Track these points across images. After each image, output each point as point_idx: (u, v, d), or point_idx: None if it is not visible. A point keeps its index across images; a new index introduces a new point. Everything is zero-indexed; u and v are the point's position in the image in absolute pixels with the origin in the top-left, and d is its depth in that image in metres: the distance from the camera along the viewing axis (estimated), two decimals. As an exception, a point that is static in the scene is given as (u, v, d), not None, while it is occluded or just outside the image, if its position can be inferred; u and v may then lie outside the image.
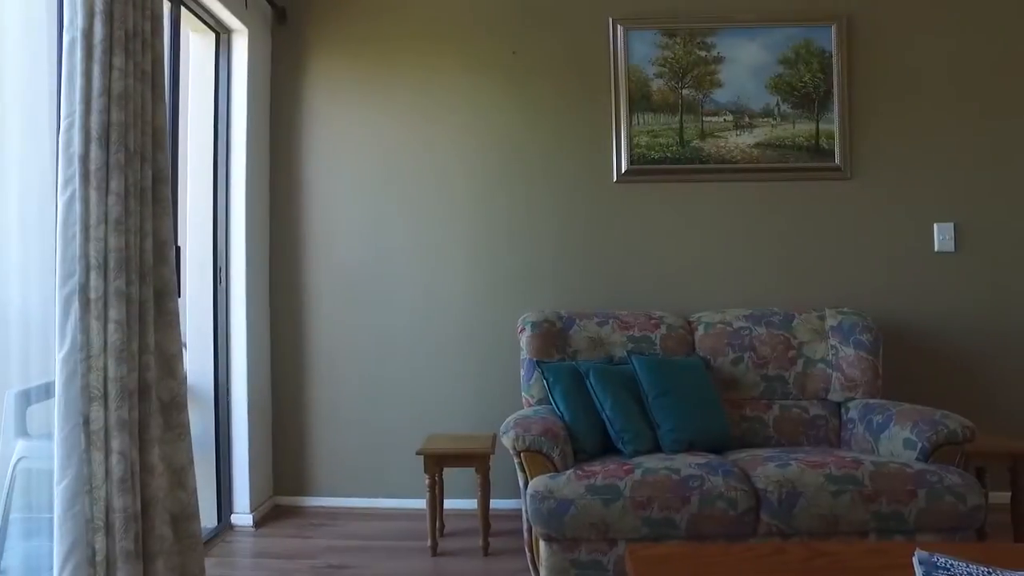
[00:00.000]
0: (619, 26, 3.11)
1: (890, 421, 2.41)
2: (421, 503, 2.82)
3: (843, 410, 2.72)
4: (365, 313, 3.18)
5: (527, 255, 3.14)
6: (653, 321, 2.86)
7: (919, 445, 2.26)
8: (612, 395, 2.51)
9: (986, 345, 3.09)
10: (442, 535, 2.84)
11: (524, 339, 2.79)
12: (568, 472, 2.24)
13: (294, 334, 3.20)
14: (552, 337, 2.79)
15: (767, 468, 2.22)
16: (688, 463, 2.24)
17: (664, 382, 2.57)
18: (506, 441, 2.34)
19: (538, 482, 2.23)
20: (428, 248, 3.17)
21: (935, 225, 3.10)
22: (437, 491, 2.72)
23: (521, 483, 2.35)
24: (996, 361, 3.09)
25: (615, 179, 3.11)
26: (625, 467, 2.24)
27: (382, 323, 3.17)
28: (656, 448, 2.49)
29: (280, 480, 3.20)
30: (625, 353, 2.76)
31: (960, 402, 3.07)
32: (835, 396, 2.74)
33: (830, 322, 2.82)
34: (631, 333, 2.83)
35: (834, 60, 3.09)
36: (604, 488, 2.16)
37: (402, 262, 3.18)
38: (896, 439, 2.36)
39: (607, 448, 2.49)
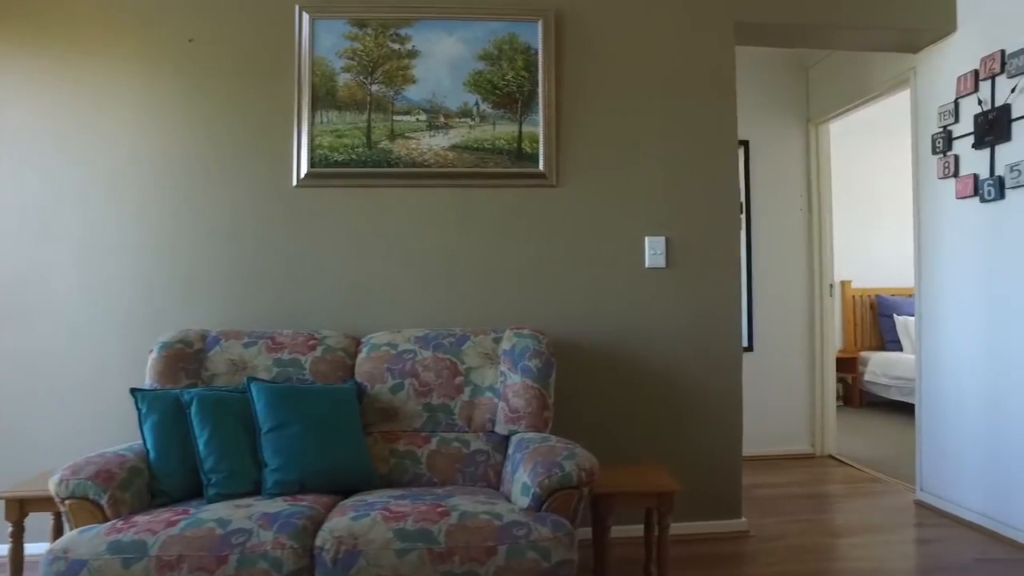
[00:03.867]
0: (305, 13, 2.78)
1: (521, 461, 2.12)
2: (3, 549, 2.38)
3: (509, 445, 2.42)
4: (8, 334, 2.74)
5: (195, 266, 2.76)
6: (311, 342, 2.52)
7: (532, 491, 1.96)
8: (212, 428, 2.14)
9: (691, 365, 2.86)
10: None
11: (149, 363, 2.41)
12: (106, 524, 1.87)
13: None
14: (183, 360, 2.41)
15: (341, 520, 1.87)
16: (251, 513, 1.88)
17: (285, 413, 2.22)
18: (51, 487, 1.95)
19: (66, 538, 1.84)
20: (90, 258, 2.76)
21: (646, 239, 2.85)
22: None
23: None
24: (700, 383, 2.86)
25: (295, 183, 2.77)
26: (175, 517, 1.87)
27: (29, 346, 2.74)
28: (257, 491, 2.14)
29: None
30: (270, 378, 2.43)
31: (660, 425, 2.86)
32: (500, 428, 2.43)
33: (504, 345, 2.52)
34: (280, 355, 2.47)
35: (540, 58, 2.83)
36: (130, 545, 1.77)
37: (61, 274, 2.76)
38: (519, 483, 2.06)
39: (200, 492, 2.13)
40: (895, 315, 5.99)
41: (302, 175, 2.76)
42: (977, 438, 3.00)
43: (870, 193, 6.14)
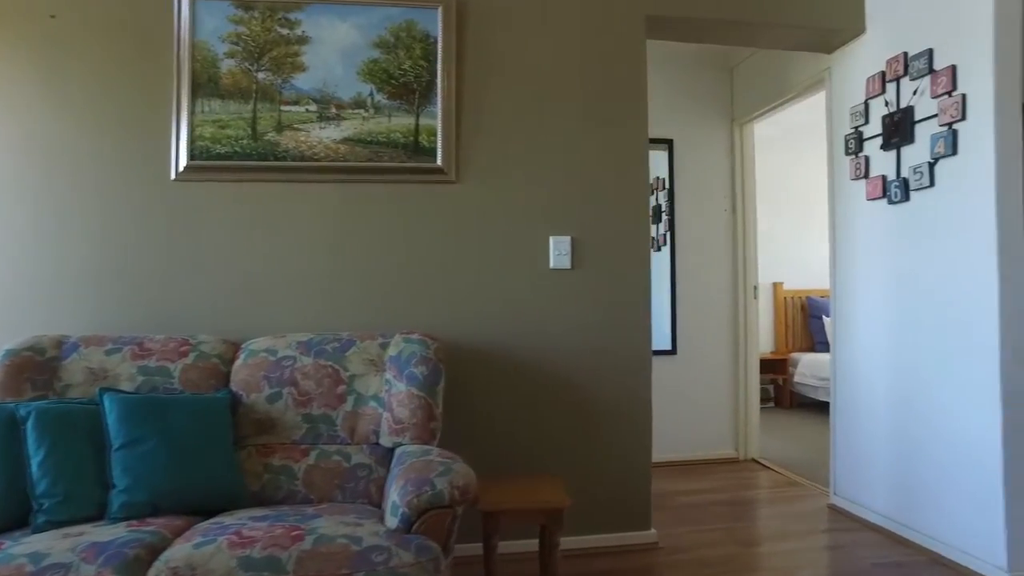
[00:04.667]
0: (185, -7, 2.59)
1: (395, 478, 1.97)
2: None
3: (393, 458, 2.27)
4: None
5: (60, 266, 2.52)
6: (184, 348, 2.32)
7: (400, 511, 1.81)
8: (50, 446, 1.93)
9: (599, 370, 2.75)
10: None
11: (-9, 373, 2.19)
12: None
13: None
14: (30, 370, 2.19)
15: (183, 548, 1.69)
16: (78, 544, 1.68)
17: (141, 427, 2.02)
18: None
19: None
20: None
21: (551, 239, 2.74)
22: None
23: None
24: (609, 389, 2.76)
25: (173, 176, 2.56)
26: (-17, 552, 1.67)
27: None
28: (101, 516, 1.94)
29: None
30: (133, 388, 2.23)
31: (565, 434, 2.74)
32: (385, 440, 2.27)
33: (391, 351, 2.36)
34: (146, 363, 2.27)
35: (439, 47, 2.68)
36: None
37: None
38: (390, 502, 1.90)
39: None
40: (824, 316, 6.03)
41: (181, 168, 2.56)
42: (885, 441, 2.97)
43: (803, 195, 6.17)
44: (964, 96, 2.52)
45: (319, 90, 2.63)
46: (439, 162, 2.67)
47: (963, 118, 2.53)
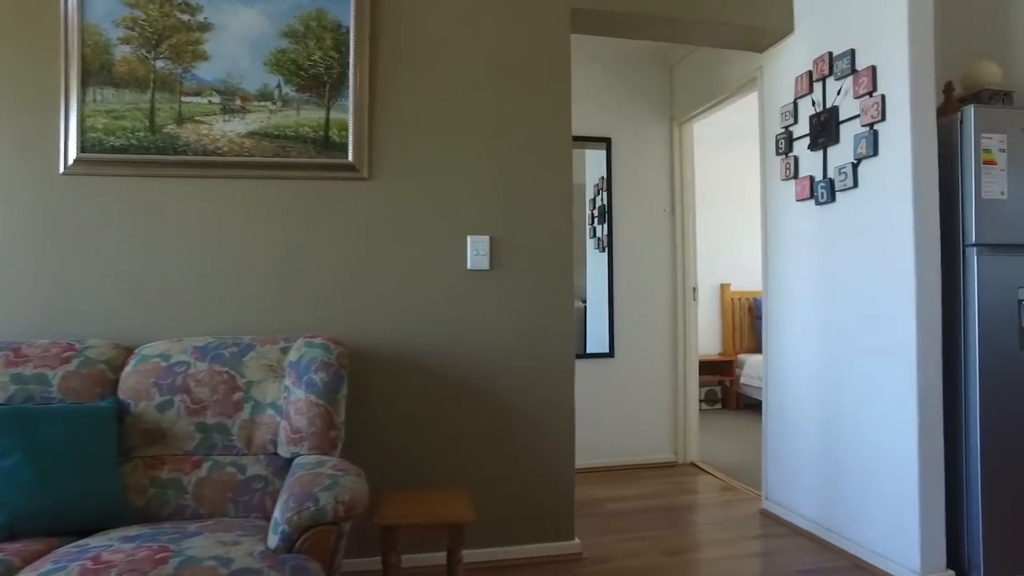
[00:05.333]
0: (76, -26, 2.42)
1: (282, 492, 1.84)
2: None
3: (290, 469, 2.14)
4: None
5: (-64, 266, 2.35)
6: (67, 354, 2.16)
7: (281, 528, 1.69)
8: None
9: (519, 376, 2.67)
10: None
11: None
12: None
13: None
14: None
15: (28, 574, 1.56)
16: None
17: (9, 440, 1.87)
18: None
19: None
20: None
21: (469, 238, 2.64)
22: None
23: None
24: (529, 395, 2.67)
25: (62, 170, 2.40)
26: None
27: None
28: (-48, 539, 1.79)
29: None
30: (5, 398, 2.06)
31: (483, 442, 2.65)
32: (283, 451, 2.15)
33: (291, 356, 2.24)
34: (21, 370, 2.10)
35: (352, 37, 2.56)
36: None
37: None
38: (272, 518, 1.78)
39: None
40: (772, 318, 6.05)
41: (70, 161, 2.40)
42: (812, 445, 2.94)
43: (748, 196, 6.18)
44: (883, 97, 2.49)
45: (223, 81, 2.49)
46: (350, 158, 2.55)
47: (883, 118, 2.50)
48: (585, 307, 4.18)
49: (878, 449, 2.55)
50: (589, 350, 4.12)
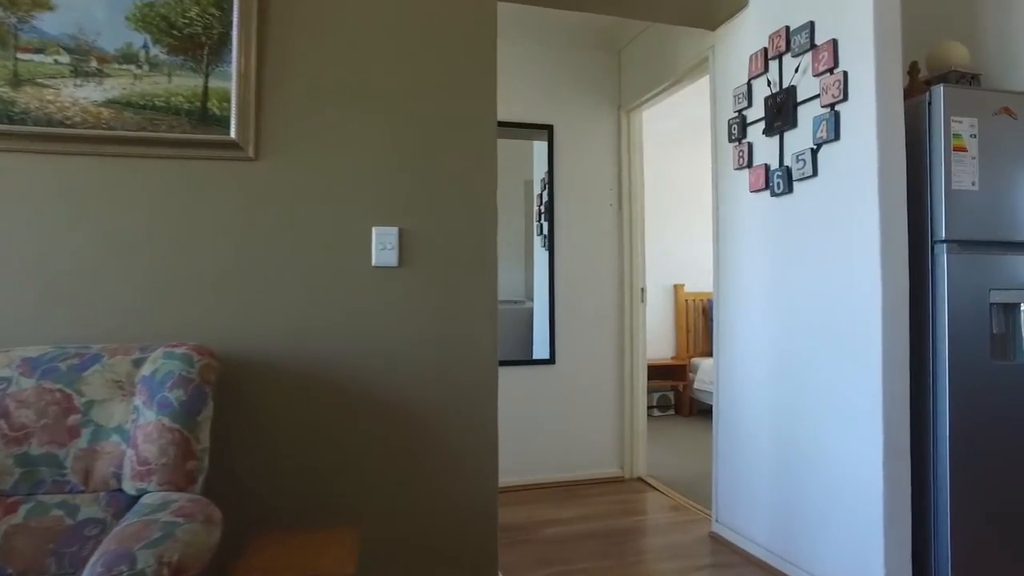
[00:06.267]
0: None
1: (100, 547, 1.45)
2: None
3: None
4: None
5: None
6: None
7: (89, 595, 1.31)
8: None
9: (432, 391, 2.31)
10: None
11: None
12: None
13: None
14: None
15: None
16: None
17: None
18: None
19: None
20: None
21: (374, 230, 2.27)
22: None
23: None
24: (444, 413, 2.31)
25: None
26: None
27: None
28: None
29: None
30: None
31: (389, 469, 2.28)
32: (128, 487, 1.74)
33: (145, 370, 1.84)
34: None
35: (236, -8, 2.18)
36: None
37: None
38: (85, 579, 1.40)
39: None
40: (727, 320, 5.82)
41: None
42: (766, 462, 2.65)
43: (704, 193, 5.94)
44: (845, 73, 2.21)
45: (73, 37, 2.07)
46: (233, 134, 2.15)
47: (845, 98, 2.22)
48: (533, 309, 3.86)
49: (838, 466, 2.27)
50: (535, 355, 3.79)
